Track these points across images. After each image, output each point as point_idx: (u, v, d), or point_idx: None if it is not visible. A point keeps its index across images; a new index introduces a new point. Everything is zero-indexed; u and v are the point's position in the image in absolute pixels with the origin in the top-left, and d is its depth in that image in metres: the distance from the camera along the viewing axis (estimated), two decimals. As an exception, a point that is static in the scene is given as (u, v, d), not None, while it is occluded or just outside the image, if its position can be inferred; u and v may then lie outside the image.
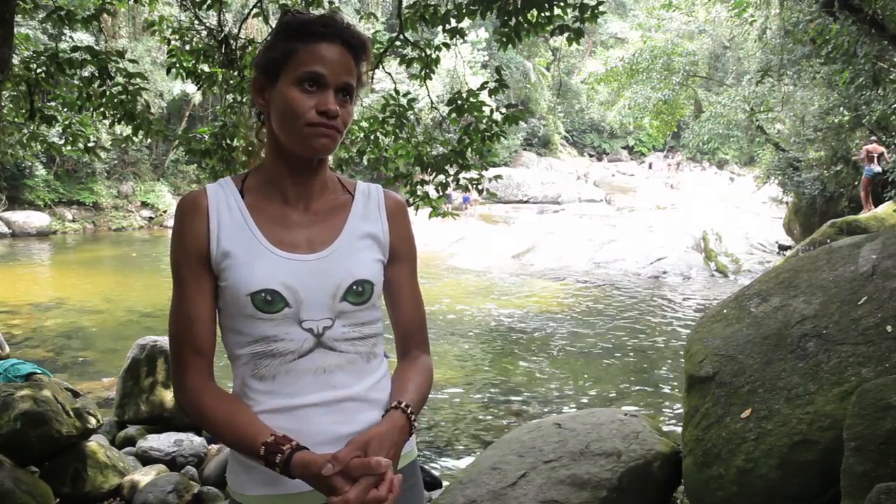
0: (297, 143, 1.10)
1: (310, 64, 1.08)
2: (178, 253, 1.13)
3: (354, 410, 1.15)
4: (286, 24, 1.12)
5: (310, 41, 1.09)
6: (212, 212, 1.13)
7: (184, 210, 1.14)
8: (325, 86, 1.08)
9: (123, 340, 7.66)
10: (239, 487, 1.14)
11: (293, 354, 1.11)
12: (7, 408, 3.52)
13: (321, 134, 1.09)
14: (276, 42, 1.12)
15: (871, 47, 7.12)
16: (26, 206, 20.95)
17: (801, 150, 14.06)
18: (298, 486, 1.09)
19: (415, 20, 4.60)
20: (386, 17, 22.47)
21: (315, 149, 1.10)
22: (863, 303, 2.81)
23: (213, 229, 1.12)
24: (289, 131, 1.10)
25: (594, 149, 37.87)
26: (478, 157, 4.81)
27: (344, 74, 1.10)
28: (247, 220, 1.13)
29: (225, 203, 1.14)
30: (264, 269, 1.10)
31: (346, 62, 1.10)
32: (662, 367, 7.33)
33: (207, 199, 1.14)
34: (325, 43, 1.09)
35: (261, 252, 1.12)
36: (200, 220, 1.12)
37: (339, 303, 1.13)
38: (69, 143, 5.64)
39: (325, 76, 1.08)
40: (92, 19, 4.59)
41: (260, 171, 1.19)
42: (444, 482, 4.21)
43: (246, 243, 1.12)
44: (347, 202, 1.22)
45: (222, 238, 1.12)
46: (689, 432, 3.02)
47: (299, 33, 1.10)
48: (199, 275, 1.12)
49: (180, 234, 1.13)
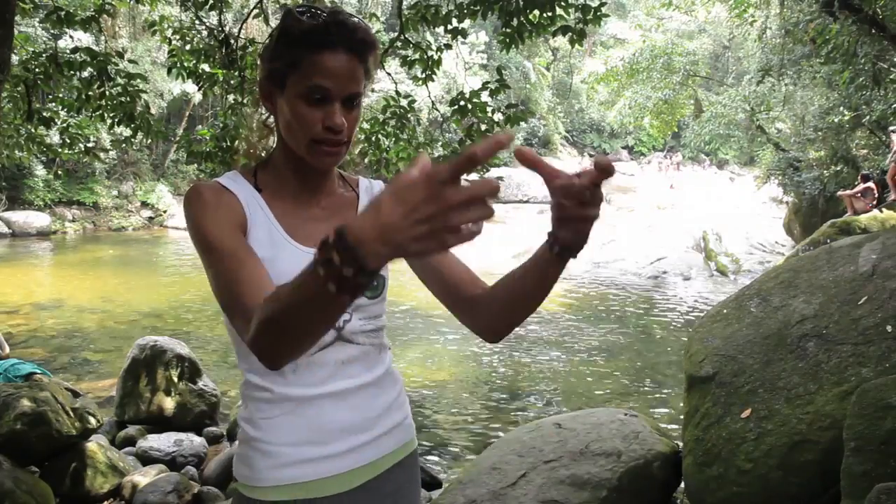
0: (304, 155, 1.10)
1: (314, 77, 1.05)
2: (215, 223, 1.04)
3: (370, 396, 1.17)
4: (287, 30, 1.08)
5: (313, 51, 1.05)
6: (240, 195, 1.11)
7: (209, 189, 1.09)
8: (330, 99, 1.06)
9: (123, 340, 7.66)
10: (253, 480, 1.11)
11: (315, 347, 1.09)
12: (7, 408, 3.52)
13: (325, 153, 1.08)
14: (279, 50, 1.09)
15: (871, 47, 7.12)
16: (26, 206, 20.94)
17: (801, 150, 14.07)
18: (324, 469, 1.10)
19: (416, 21, 4.60)
20: (386, 16, 22.46)
21: (320, 165, 1.11)
22: (863, 303, 2.81)
23: (246, 208, 1.10)
24: (295, 144, 1.10)
25: (594, 149, 37.87)
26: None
27: (350, 84, 1.07)
28: (268, 214, 1.12)
29: (246, 195, 1.12)
30: (290, 264, 1.07)
31: (352, 70, 1.07)
32: (662, 367, 7.33)
33: (228, 186, 1.11)
34: (329, 52, 1.04)
35: (283, 245, 1.11)
36: (232, 197, 1.09)
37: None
38: (67, 145, 5.63)
39: (330, 90, 1.05)
40: (91, 20, 4.59)
41: (269, 168, 1.17)
42: (444, 482, 4.21)
43: (268, 236, 1.11)
44: (354, 199, 1.23)
45: (252, 225, 1.10)
46: (689, 432, 3.02)
47: (302, 42, 1.06)
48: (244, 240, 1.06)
49: (213, 207, 1.06)
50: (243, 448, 1.15)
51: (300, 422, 1.11)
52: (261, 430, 1.12)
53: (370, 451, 1.16)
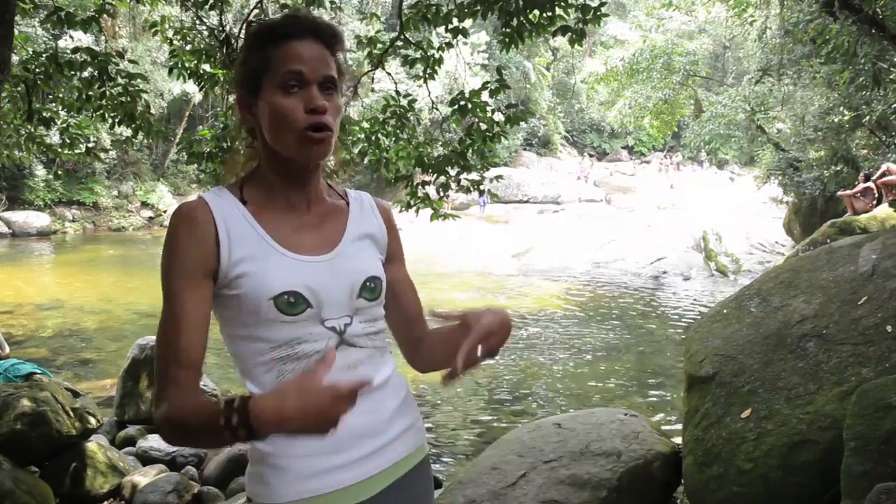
0: (294, 151, 1.10)
1: (287, 64, 1.07)
2: (175, 264, 1.07)
3: (379, 399, 1.17)
4: (253, 34, 1.12)
5: (280, 43, 1.08)
6: (218, 221, 1.10)
7: (185, 219, 1.09)
8: (307, 83, 1.08)
9: (123, 340, 7.67)
10: (269, 497, 1.10)
11: (319, 354, 1.10)
12: (7, 408, 3.52)
13: (315, 141, 1.08)
14: (249, 54, 1.12)
15: (871, 47, 7.12)
16: (26, 206, 20.97)
17: (801, 150, 14.06)
18: (340, 480, 1.10)
19: (416, 20, 4.60)
20: (386, 16, 22.45)
21: (311, 157, 1.10)
22: (863, 303, 2.81)
23: (222, 238, 1.09)
24: (282, 140, 1.10)
25: (594, 149, 37.84)
26: (479, 158, 4.81)
27: (323, 67, 1.09)
28: (254, 226, 1.12)
29: (229, 212, 1.12)
30: (283, 272, 1.09)
31: (322, 55, 1.10)
32: (662, 368, 7.33)
33: (211, 208, 1.11)
34: (296, 40, 1.08)
35: (275, 256, 1.10)
36: (206, 230, 1.09)
37: (355, 300, 1.15)
38: (67, 145, 5.63)
39: (304, 73, 1.07)
40: (91, 20, 4.59)
41: (256, 180, 1.17)
42: (445, 482, 4.21)
43: (258, 249, 1.10)
44: (344, 206, 1.23)
45: (234, 246, 1.09)
46: (689, 432, 3.02)
47: (268, 38, 1.09)
48: (200, 284, 1.07)
49: (179, 244, 1.07)
50: (255, 466, 1.13)
51: None
52: (272, 444, 1.09)
53: (384, 456, 1.16)
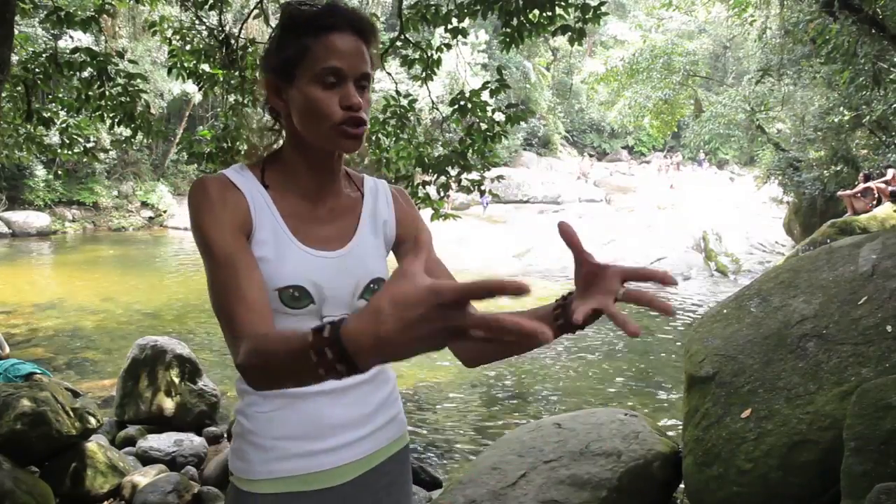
0: (325, 141, 1.08)
1: (327, 59, 1.05)
2: (216, 225, 1.03)
3: (365, 393, 1.17)
4: (291, 18, 1.08)
5: (321, 34, 1.05)
6: (246, 192, 1.09)
7: (218, 184, 1.07)
8: (344, 78, 1.06)
9: (123, 340, 7.66)
10: (247, 473, 1.11)
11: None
12: (7, 408, 3.52)
13: (349, 136, 1.07)
14: (286, 40, 1.08)
15: (871, 47, 7.12)
16: (26, 206, 20.95)
17: (801, 150, 14.06)
18: (318, 463, 1.11)
19: (416, 20, 4.60)
20: (386, 16, 22.45)
21: (344, 149, 1.09)
22: (863, 303, 2.81)
23: (252, 207, 1.08)
24: (315, 132, 1.08)
25: (594, 149, 37.86)
26: (479, 158, 4.81)
27: (361, 64, 1.07)
28: (274, 213, 1.11)
29: (253, 191, 1.10)
30: (293, 265, 1.08)
31: (360, 50, 1.07)
32: (662, 368, 7.33)
33: (235, 181, 1.09)
34: (336, 34, 1.05)
35: (289, 247, 1.10)
36: (238, 195, 1.08)
37: (357, 300, 1.14)
38: (67, 145, 5.63)
39: (343, 70, 1.05)
40: (91, 20, 4.59)
41: (277, 164, 1.15)
42: (445, 482, 4.21)
43: (275, 236, 1.09)
44: (359, 200, 1.22)
45: (257, 225, 1.08)
46: (689, 432, 3.02)
47: (308, 28, 1.06)
48: (241, 237, 1.05)
49: (216, 206, 1.04)
50: (238, 441, 1.15)
51: (295, 417, 1.11)
52: (256, 423, 1.12)
53: (365, 445, 1.17)
